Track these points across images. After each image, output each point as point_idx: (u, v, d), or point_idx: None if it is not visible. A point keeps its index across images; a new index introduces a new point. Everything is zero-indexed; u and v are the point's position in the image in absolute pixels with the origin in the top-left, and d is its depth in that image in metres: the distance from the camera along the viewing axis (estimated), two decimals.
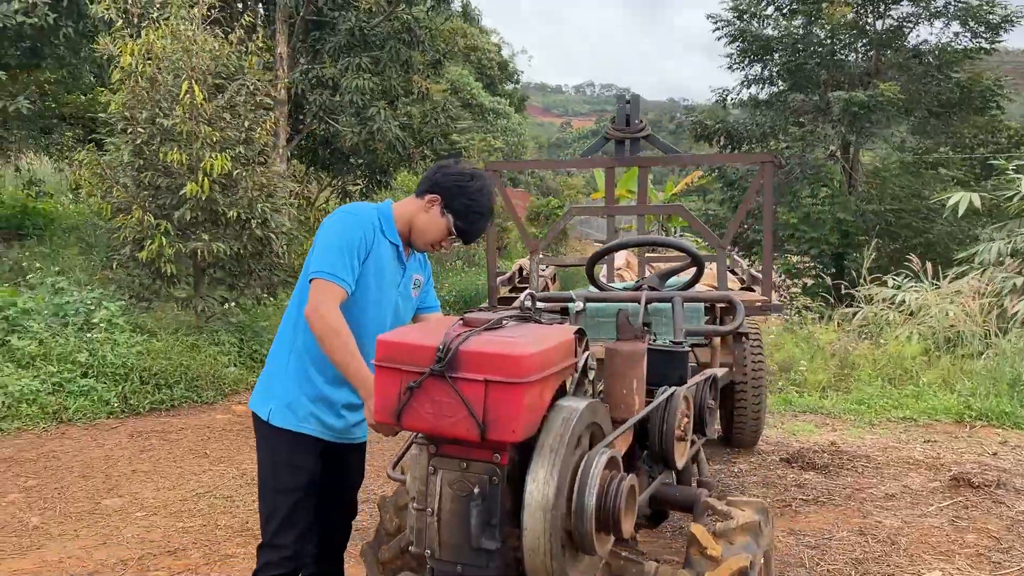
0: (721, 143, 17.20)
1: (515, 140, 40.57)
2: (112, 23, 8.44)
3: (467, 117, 39.66)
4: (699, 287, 5.62)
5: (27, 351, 7.04)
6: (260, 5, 12.38)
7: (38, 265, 9.72)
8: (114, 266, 8.47)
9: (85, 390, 6.84)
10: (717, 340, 4.63)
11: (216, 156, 7.79)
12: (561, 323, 2.48)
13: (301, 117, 12.66)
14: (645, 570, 2.67)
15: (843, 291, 11.55)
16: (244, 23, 8.89)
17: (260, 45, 9.03)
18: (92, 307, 7.88)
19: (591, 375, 2.41)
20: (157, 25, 8.05)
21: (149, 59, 7.99)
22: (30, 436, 6.13)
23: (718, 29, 17.00)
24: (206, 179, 7.75)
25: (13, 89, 13.10)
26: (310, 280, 2.45)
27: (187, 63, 7.95)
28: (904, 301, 10.30)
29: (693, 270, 4.17)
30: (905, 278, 10.85)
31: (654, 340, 3.34)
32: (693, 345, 4.96)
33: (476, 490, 2.05)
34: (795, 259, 16.08)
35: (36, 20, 10.61)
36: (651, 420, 2.79)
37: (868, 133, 15.98)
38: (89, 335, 7.47)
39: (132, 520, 4.51)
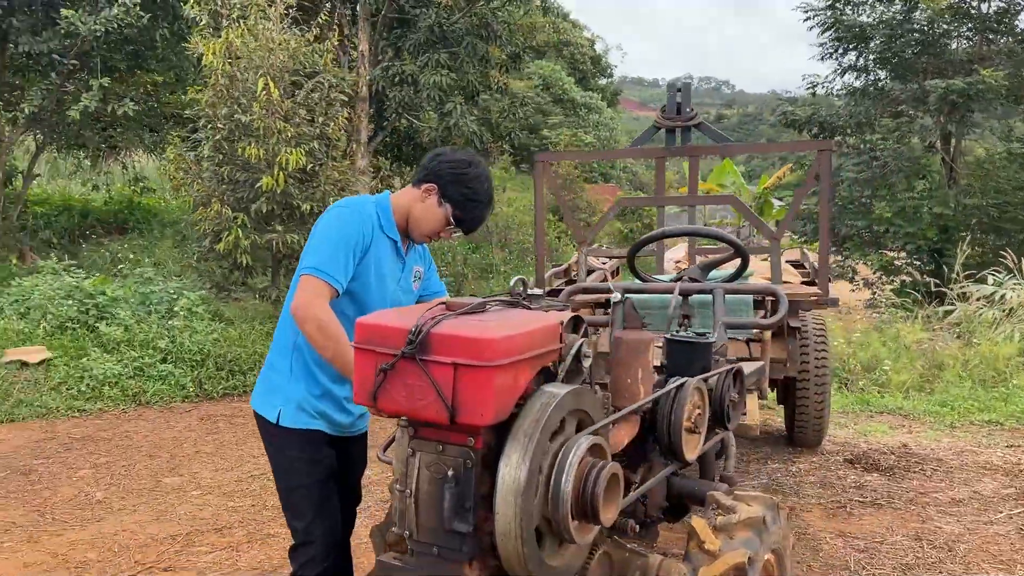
0: (813, 134, 16.60)
1: (607, 135, 40.24)
2: (207, 24, 8.82)
3: (558, 112, 39.73)
4: (758, 281, 5.47)
5: (113, 337, 7.44)
6: (343, 4, 12.65)
7: (131, 256, 10.25)
8: (195, 258, 8.85)
9: (163, 375, 7.18)
10: (767, 334, 4.50)
11: (291, 151, 8.03)
12: (562, 309, 2.45)
13: (384, 113, 12.91)
14: (649, 562, 2.62)
15: (933, 288, 11.01)
16: (320, 21, 9.12)
17: (336, 43, 9.24)
18: (175, 296, 8.26)
19: (586, 362, 2.37)
20: (237, 24, 8.35)
21: (229, 58, 8.29)
22: (109, 417, 6.47)
23: (809, 19, 16.42)
24: (281, 173, 8.00)
25: (120, 91, 13.86)
26: (301, 275, 2.40)
27: (265, 61, 8.22)
28: (1004, 298, 9.74)
29: (739, 262, 4.06)
30: (1008, 275, 10.27)
31: (677, 331, 3.27)
32: (749, 340, 4.85)
33: (450, 473, 2.05)
34: (891, 255, 15.41)
35: (133, 23, 11.17)
36: (659, 411, 2.74)
37: (970, 123, 15.14)
38: (170, 323, 7.83)
39: (187, 498, 4.71)
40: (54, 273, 9.07)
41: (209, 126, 8.32)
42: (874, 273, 15.67)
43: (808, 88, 17.19)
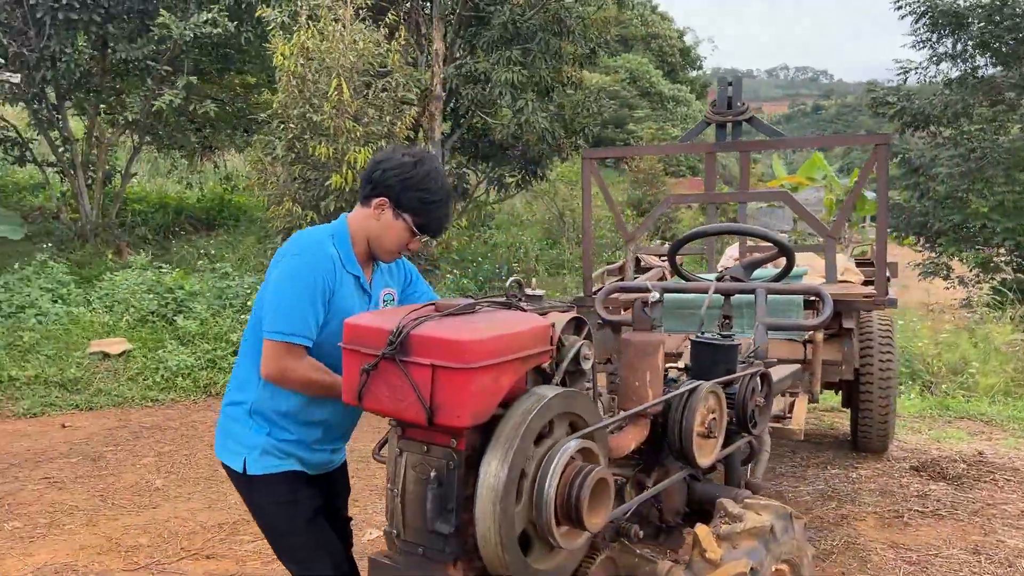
0: (905, 123, 15.88)
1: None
2: (283, 25, 9.08)
3: (645, 106, 39.28)
4: (813, 280, 5.29)
5: (189, 329, 7.76)
6: (418, 3, 12.82)
7: (212, 252, 10.64)
8: (268, 254, 9.13)
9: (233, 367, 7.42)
10: (818, 336, 4.35)
11: (360, 150, 8.20)
12: (566, 310, 2.43)
13: (458, 111, 13.02)
14: (657, 569, 2.58)
15: None
16: (389, 21, 9.26)
17: (403, 42, 9.36)
18: (249, 291, 8.55)
19: (585, 364, 2.34)
20: (308, 25, 8.56)
21: (302, 59, 8.51)
22: (180, 407, 6.76)
23: (900, 7, 15.71)
24: (350, 171, 8.18)
25: (209, 92, 14.43)
26: (266, 340, 2.27)
27: (336, 61, 8.41)
28: None
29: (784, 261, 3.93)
30: None
31: (703, 332, 3.19)
32: (807, 341, 4.70)
33: (433, 474, 2.06)
34: (988, 252, 14.63)
35: (219, 28, 11.62)
36: (670, 415, 2.68)
37: None
38: (244, 317, 8.11)
39: None
40: (143, 268, 9.52)
41: (282, 126, 8.57)
42: (971, 271, 14.93)
43: (900, 74, 16.45)
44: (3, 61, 11.84)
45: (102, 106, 13.80)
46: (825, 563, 3.94)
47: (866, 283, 5.25)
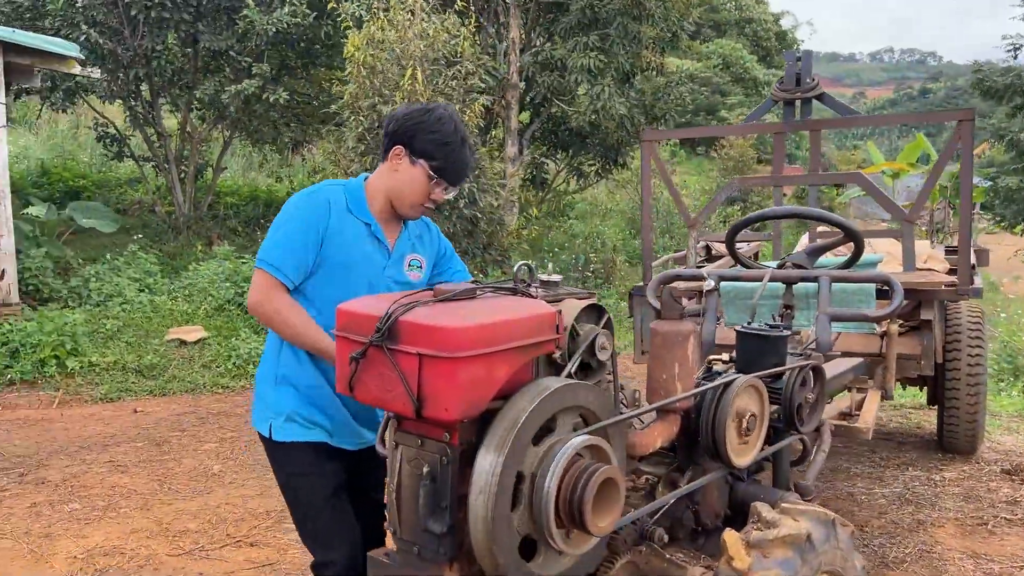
0: (1016, 105, 14.90)
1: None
2: (358, 17, 9.13)
3: (738, 91, 38.25)
4: (892, 269, 4.94)
5: None
6: None
7: None
8: None
9: None
10: (892, 328, 4.04)
11: None
12: (585, 297, 2.28)
13: (537, 100, 12.88)
14: (688, 574, 2.40)
15: None
16: (458, 8, 9.18)
17: (473, 29, 9.27)
18: None
19: (603, 355, 2.18)
20: (378, 16, 8.56)
21: (372, 49, 8.53)
22: (248, 394, 6.86)
23: None
24: None
25: (296, 87, 14.70)
26: (255, 269, 2.30)
27: (405, 51, 8.39)
28: None
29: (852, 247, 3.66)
30: None
31: (749, 322, 2.97)
32: (884, 334, 4.38)
33: (426, 469, 1.95)
34: None
35: (300, 20, 11.81)
36: (702, 411, 2.49)
37: None
38: None
39: None
40: (224, 258, 9.77)
41: (352, 118, 8.61)
42: None
43: (1009, 51, 15.45)
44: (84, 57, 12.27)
45: (194, 103, 14.24)
46: (895, 572, 3.66)
47: (951, 272, 4.88)
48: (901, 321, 4.53)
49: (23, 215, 10.06)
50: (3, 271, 7.55)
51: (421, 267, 2.50)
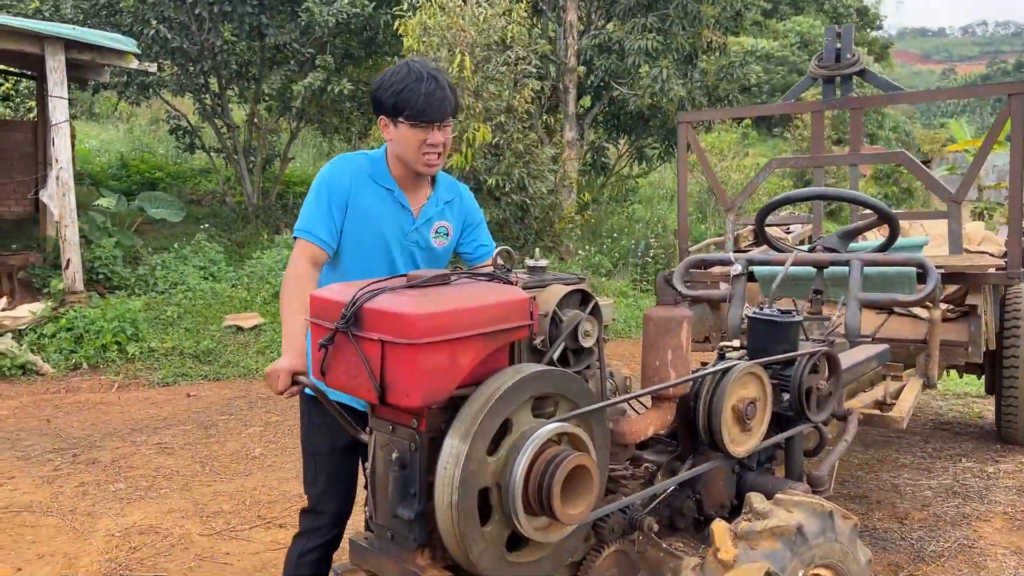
0: None
1: (873, 91, 37.07)
2: (413, 6, 9.18)
3: None
4: (937, 252, 4.72)
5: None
6: None
7: None
8: None
9: None
10: (935, 313, 3.86)
11: (479, 127, 8.14)
12: (574, 282, 2.24)
13: (595, 83, 12.72)
14: (683, 564, 2.34)
15: None
16: None
17: (527, 13, 9.20)
18: None
19: (587, 341, 2.14)
20: (431, 2, 8.57)
21: (423, 36, 8.55)
22: None
23: None
24: (469, 149, 8.15)
25: (354, 75, 14.88)
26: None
27: (455, 37, 8.39)
28: None
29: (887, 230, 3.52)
30: None
31: (761, 308, 2.87)
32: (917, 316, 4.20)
33: (395, 455, 1.95)
34: None
35: (359, 11, 11.94)
36: (698, 398, 2.43)
37: None
38: None
39: None
40: (285, 246, 9.98)
41: None
42: None
43: None
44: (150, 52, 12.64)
45: (262, 96, 14.56)
46: (931, 567, 3.51)
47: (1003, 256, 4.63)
48: (949, 306, 4.33)
49: (95, 206, 10.48)
50: (68, 260, 7.88)
51: (448, 234, 2.54)
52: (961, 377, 6.08)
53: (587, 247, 11.91)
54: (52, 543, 3.82)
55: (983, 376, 5.35)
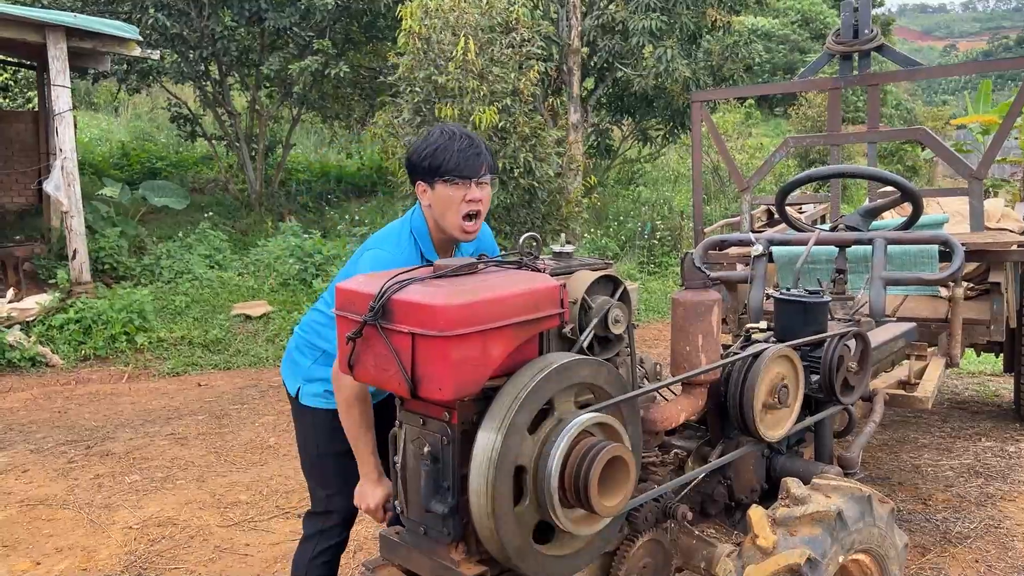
0: None
1: (876, 68, 36.88)
2: None
3: (817, 49, 36.77)
4: (961, 230, 4.66)
5: (322, 291, 8.00)
6: None
7: (357, 216, 10.91)
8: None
9: None
10: (957, 291, 3.80)
11: (484, 110, 8.06)
12: (601, 268, 2.19)
13: (599, 64, 12.60)
14: (716, 553, 2.32)
15: None
16: None
17: None
18: None
19: (617, 328, 2.09)
20: None
21: (425, 19, 8.45)
22: None
23: None
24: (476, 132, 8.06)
25: (354, 59, 14.77)
26: None
27: (458, 19, 8.29)
28: None
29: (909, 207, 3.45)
30: None
31: (788, 288, 2.82)
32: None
33: (427, 450, 1.90)
34: None
35: None
36: (729, 383, 2.38)
37: None
38: None
39: None
40: (291, 234, 9.93)
41: (408, 89, 8.57)
42: None
43: None
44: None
45: (263, 81, 14.45)
46: (957, 549, 3.47)
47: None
48: (970, 284, 4.28)
49: (99, 196, 10.42)
50: (75, 251, 7.83)
51: None
52: (978, 356, 6.04)
53: (593, 230, 11.84)
54: (70, 536, 3.79)
55: (1001, 355, 5.30)
